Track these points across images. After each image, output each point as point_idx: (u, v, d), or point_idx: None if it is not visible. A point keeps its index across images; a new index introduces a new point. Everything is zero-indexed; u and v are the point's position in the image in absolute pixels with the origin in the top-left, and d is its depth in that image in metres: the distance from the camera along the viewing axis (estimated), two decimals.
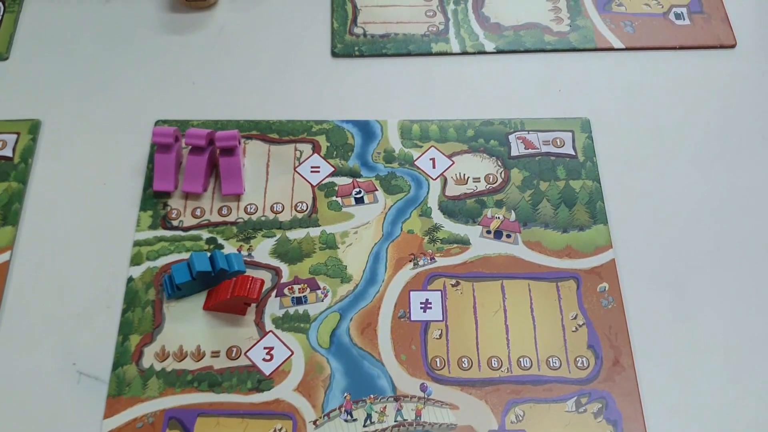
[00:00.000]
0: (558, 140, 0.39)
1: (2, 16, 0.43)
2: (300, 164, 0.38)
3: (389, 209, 0.37)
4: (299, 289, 0.34)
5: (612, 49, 0.42)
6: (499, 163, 0.38)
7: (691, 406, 0.32)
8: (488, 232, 0.36)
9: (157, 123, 0.39)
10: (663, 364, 0.33)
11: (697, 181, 0.38)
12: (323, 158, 0.38)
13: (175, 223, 0.36)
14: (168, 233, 0.36)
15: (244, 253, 0.35)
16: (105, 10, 0.43)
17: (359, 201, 0.37)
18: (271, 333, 0.33)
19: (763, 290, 0.35)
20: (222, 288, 0.33)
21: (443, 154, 0.38)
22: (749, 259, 0.35)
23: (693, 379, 0.32)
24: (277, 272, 0.35)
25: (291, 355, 0.33)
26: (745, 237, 0.36)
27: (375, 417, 0.31)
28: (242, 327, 0.33)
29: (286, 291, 0.34)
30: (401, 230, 0.36)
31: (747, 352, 0.33)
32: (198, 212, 0.36)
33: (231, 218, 0.36)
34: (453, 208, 0.37)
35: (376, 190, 0.37)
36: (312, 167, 0.38)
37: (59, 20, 0.43)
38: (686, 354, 0.33)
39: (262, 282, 0.33)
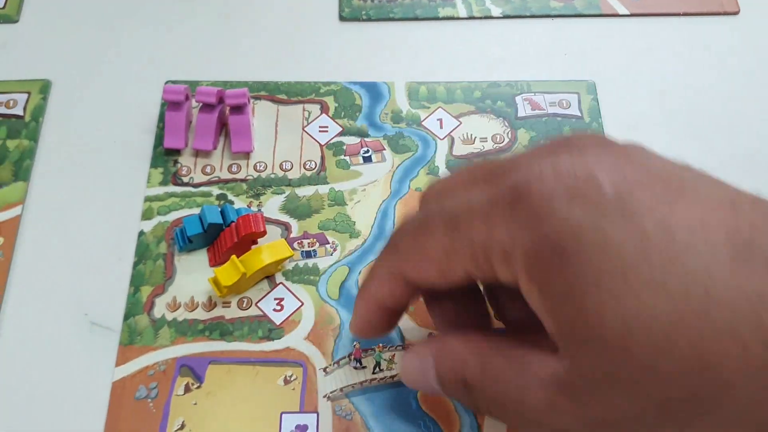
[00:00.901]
0: (564, 102, 0.39)
1: None
2: (308, 124, 0.38)
3: (397, 168, 0.37)
4: (309, 243, 0.35)
5: (617, 15, 0.43)
6: (506, 124, 0.38)
7: None
8: None
9: (167, 83, 0.39)
10: None
11: (699, 142, 0.38)
12: (331, 118, 0.39)
13: (185, 179, 0.36)
14: (179, 189, 0.36)
15: (254, 209, 0.36)
16: None
17: (367, 160, 0.37)
18: (281, 285, 0.34)
19: None
20: (224, 238, 0.33)
21: (450, 114, 0.39)
22: None
23: None
24: (286, 227, 0.35)
25: (301, 305, 0.33)
26: None
27: (384, 365, 0.32)
28: None
29: (295, 245, 0.35)
30: (409, 188, 0.36)
31: None
32: (208, 169, 0.37)
33: (241, 175, 0.37)
34: (460, 166, 0.37)
35: (384, 149, 0.38)
36: (320, 127, 0.38)
37: None
38: None
39: (262, 215, 0.33)
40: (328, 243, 0.35)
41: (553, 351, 0.21)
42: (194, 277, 0.34)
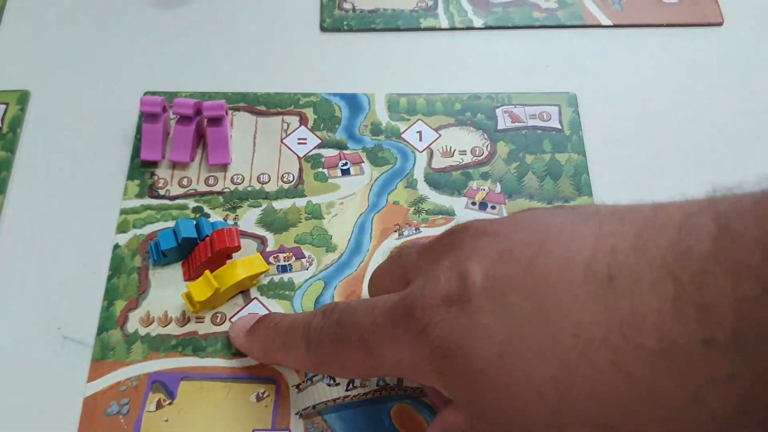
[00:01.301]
0: (544, 114, 0.39)
1: None
2: (287, 136, 0.38)
3: (375, 181, 0.37)
4: (284, 257, 0.35)
5: (600, 26, 0.42)
6: (486, 136, 0.38)
7: None
8: (473, 203, 0.36)
9: (145, 94, 0.39)
10: None
11: (680, 155, 0.38)
12: (310, 130, 0.38)
13: (161, 192, 0.36)
14: (155, 202, 0.36)
15: (230, 222, 0.35)
16: None
17: (345, 172, 0.37)
18: (256, 299, 0.33)
19: None
20: (198, 252, 0.33)
21: (430, 127, 0.38)
22: None
23: None
24: (262, 241, 0.35)
25: None
26: None
27: (357, 381, 0.31)
28: None
29: (271, 259, 0.34)
30: (387, 201, 0.36)
31: None
32: (185, 182, 0.37)
33: (218, 188, 0.36)
34: (439, 180, 0.37)
35: (363, 162, 0.37)
36: (299, 139, 0.38)
37: None
38: None
39: (237, 229, 0.33)
40: (305, 257, 0.35)
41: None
42: (168, 291, 0.33)
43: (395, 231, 0.35)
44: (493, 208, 0.36)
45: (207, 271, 0.32)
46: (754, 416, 0.17)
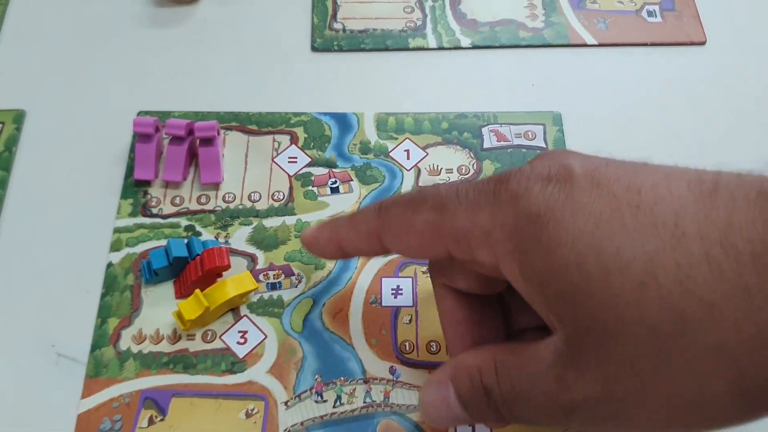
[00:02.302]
0: (529, 133, 0.40)
1: None
2: (278, 155, 0.39)
3: (363, 198, 0.38)
4: (274, 275, 0.35)
5: (585, 45, 0.43)
6: (472, 155, 0.39)
7: None
8: None
9: (139, 114, 0.40)
10: None
11: None
12: (300, 149, 0.39)
13: (154, 210, 0.37)
14: (148, 221, 0.37)
15: (221, 240, 0.36)
16: (90, 4, 0.44)
17: (335, 191, 0.38)
18: (245, 317, 0.34)
19: None
20: (189, 271, 0.34)
21: (417, 145, 0.39)
22: None
23: None
24: (252, 259, 0.36)
25: (265, 338, 0.34)
26: None
27: (345, 398, 0.32)
28: None
29: (261, 277, 0.35)
30: None
31: None
32: (177, 200, 0.37)
33: (209, 206, 0.37)
34: None
35: (352, 180, 0.38)
36: (289, 158, 0.39)
37: (45, 14, 0.44)
38: None
39: (227, 248, 0.34)
40: (294, 275, 0.35)
41: (553, 333, 0.22)
42: (160, 309, 0.34)
43: None
44: None
45: (197, 290, 0.32)
46: None
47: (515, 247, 0.22)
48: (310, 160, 0.39)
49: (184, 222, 0.37)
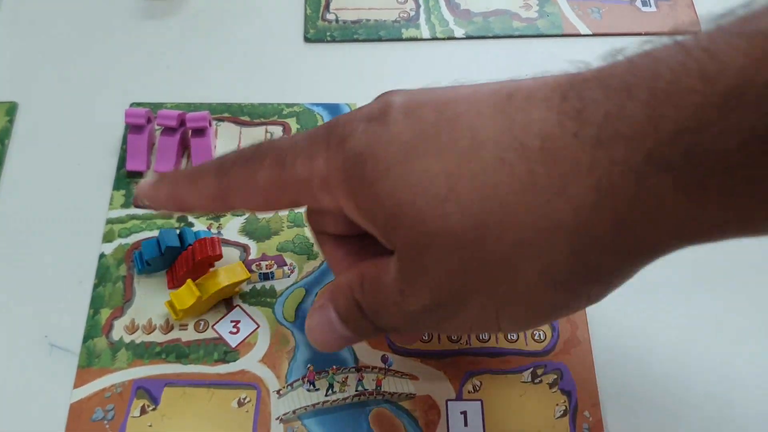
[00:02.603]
0: None
1: None
2: None
3: None
4: (266, 265, 0.35)
5: (579, 35, 0.43)
6: None
7: (645, 378, 0.33)
8: None
9: (131, 105, 0.40)
10: (618, 337, 0.34)
11: None
12: None
13: (146, 202, 0.37)
14: (140, 211, 0.37)
15: (214, 231, 0.36)
16: None
17: None
18: (238, 307, 0.34)
19: (716, 269, 0.36)
20: (181, 261, 0.34)
21: None
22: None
23: (646, 351, 0.33)
24: (245, 249, 0.36)
25: (257, 328, 0.34)
26: None
27: (337, 387, 0.32)
28: None
29: (253, 267, 0.35)
30: None
31: (699, 328, 0.34)
32: None
33: None
34: None
35: None
36: None
37: (37, 5, 0.44)
38: (640, 328, 0.34)
39: (219, 238, 0.34)
40: (286, 265, 0.35)
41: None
42: (153, 299, 0.34)
43: None
44: None
45: (189, 280, 0.33)
46: (605, 210, 0.20)
47: (348, 188, 0.23)
48: None
49: (176, 213, 0.37)
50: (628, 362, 0.33)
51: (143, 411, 0.32)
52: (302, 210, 0.37)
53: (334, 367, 0.33)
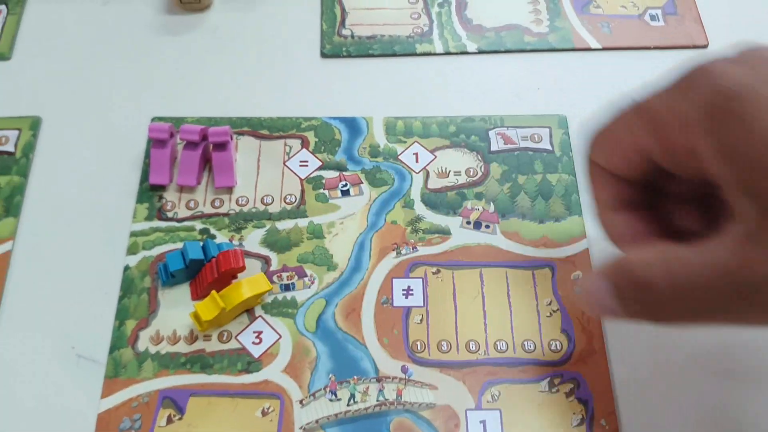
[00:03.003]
0: (536, 136, 0.40)
1: (5, 18, 0.45)
2: (289, 159, 0.40)
3: (374, 201, 0.38)
4: (287, 276, 0.36)
5: (589, 49, 0.44)
6: (479, 158, 0.40)
7: (661, 386, 0.34)
8: (468, 222, 0.38)
9: (153, 120, 0.41)
10: (633, 346, 0.34)
11: None
12: (311, 153, 0.40)
13: (170, 214, 0.38)
14: (163, 224, 0.38)
15: (236, 242, 0.37)
16: (103, 12, 0.45)
17: (345, 193, 0.39)
18: (260, 318, 0.35)
19: None
20: (205, 273, 0.34)
21: (426, 148, 0.40)
22: None
23: (663, 360, 0.34)
24: (266, 261, 0.37)
25: (279, 338, 0.34)
26: None
27: (358, 397, 0.33)
28: None
29: (274, 278, 0.36)
30: (385, 221, 0.38)
31: (717, 334, 0.35)
32: (192, 204, 0.38)
33: (223, 210, 0.38)
34: (435, 200, 0.38)
35: (362, 183, 0.39)
36: (301, 161, 0.40)
37: (59, 22, 0.45)
38: (655, 337, 0.35)
39: (242, 250, 0.35)
40: (306, 276, 0.36)
41: (732, 220, 0.23)
42: (177, 310, 0.35)
43: (393, 250, 0.37)
44: (487, 227, 0.38)
45: (213, 291, 0.33)
46: None
47: (712, 125, 0.22)
48: (320, 163, 0.40)
49: (198, 225, 0.38)
50: (644, 371, 0.34)
51: (169, 420, 0.32)
52: (323, 221, 0.38)
53: (356, 377, 0.33)
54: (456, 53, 0.44)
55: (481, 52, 0.44)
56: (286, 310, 0.35)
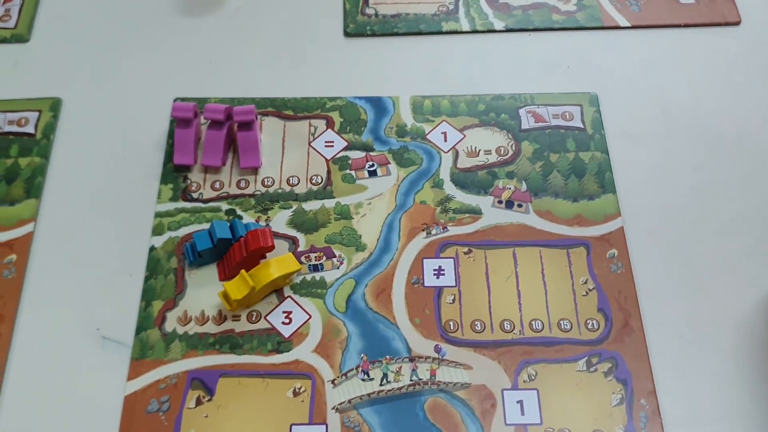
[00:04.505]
0: (567, 114, 0.40)
1: (24, 0, 0.44)
2: (314, 139, 0.39)
3: (402, 181, 0.38)
4: (315, 257, 0.35)
5: (618, 27, 0.43)
6: (510, 136, 0.39)
7: (699, 364, 0.33)
8: (500, 202, 0.37)
9: (175, 100, 0.40)
10: (670, 324, 0.34)
11: (701, 151, 0.39)
12: (337, 133, 0.39)
13: (195, 195, 0.37)
14: (188, 205, 0.37)
15: (262, 223, 0.36)
16: None
17: (372, 174, 0.38)
18: (289, 298, 0.34)
19: (765, 256, 0.35)
20: (233, 252, 0.34)
21: (454, 128, 0.39)
22: (746, 226, 0.36)
23: (700, 338, 0.33)
24: (294, 241, 0.36)
25: (309, 318, 0.34)
26: (745, 206, 0.37)
27: (391, 376, 0.32)
28: None
29: (303, 259, 0.35)
30: (414, 201, 0.37)
31: (750, 311, 0.34)
32: (217, 185, 0.37)
33: (249, 191, 0.37)
34: (465, 179, 0.38)
35: (389, 163, 0.38)
36: (326, 142, 0.39)
37: (79, 3, 0.44)
38: (692, 315, 0.34)
39: (270, 229, 0.34)
40: (335, 256, 0.35)
41: None
42: (204, 291, 0.34)
43: (423, 230, 0.36)
44: (520, 206, 0.37)
45: (243, 270, 0.33)
46: None
47: None
48: (346, 144, 0.39)
49: (224, 206, 0.37)
50: (683, 349, 0.33)
51: (198, 402, 0.32)
52: (350, 202, 0.37)
53: (388, 357, 0.33)
54: (483, 31, 0.43)
55: (508, 30, 0.43)
56: (316, 291, 0.34)
